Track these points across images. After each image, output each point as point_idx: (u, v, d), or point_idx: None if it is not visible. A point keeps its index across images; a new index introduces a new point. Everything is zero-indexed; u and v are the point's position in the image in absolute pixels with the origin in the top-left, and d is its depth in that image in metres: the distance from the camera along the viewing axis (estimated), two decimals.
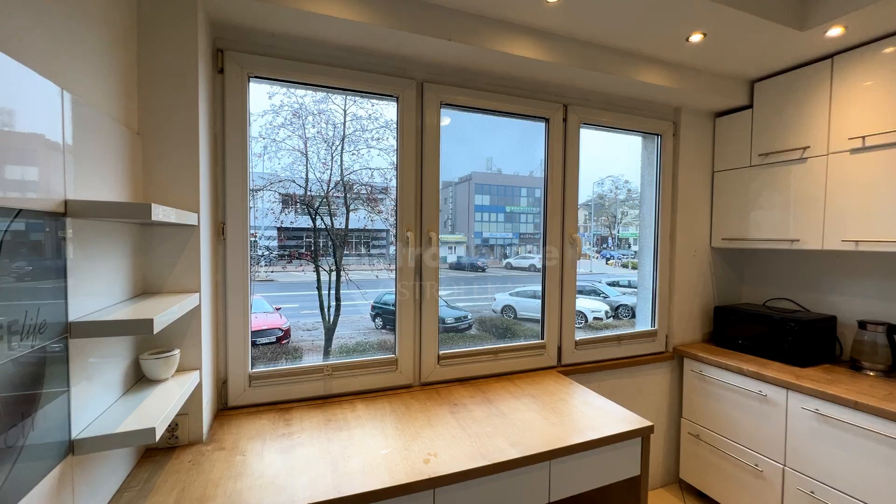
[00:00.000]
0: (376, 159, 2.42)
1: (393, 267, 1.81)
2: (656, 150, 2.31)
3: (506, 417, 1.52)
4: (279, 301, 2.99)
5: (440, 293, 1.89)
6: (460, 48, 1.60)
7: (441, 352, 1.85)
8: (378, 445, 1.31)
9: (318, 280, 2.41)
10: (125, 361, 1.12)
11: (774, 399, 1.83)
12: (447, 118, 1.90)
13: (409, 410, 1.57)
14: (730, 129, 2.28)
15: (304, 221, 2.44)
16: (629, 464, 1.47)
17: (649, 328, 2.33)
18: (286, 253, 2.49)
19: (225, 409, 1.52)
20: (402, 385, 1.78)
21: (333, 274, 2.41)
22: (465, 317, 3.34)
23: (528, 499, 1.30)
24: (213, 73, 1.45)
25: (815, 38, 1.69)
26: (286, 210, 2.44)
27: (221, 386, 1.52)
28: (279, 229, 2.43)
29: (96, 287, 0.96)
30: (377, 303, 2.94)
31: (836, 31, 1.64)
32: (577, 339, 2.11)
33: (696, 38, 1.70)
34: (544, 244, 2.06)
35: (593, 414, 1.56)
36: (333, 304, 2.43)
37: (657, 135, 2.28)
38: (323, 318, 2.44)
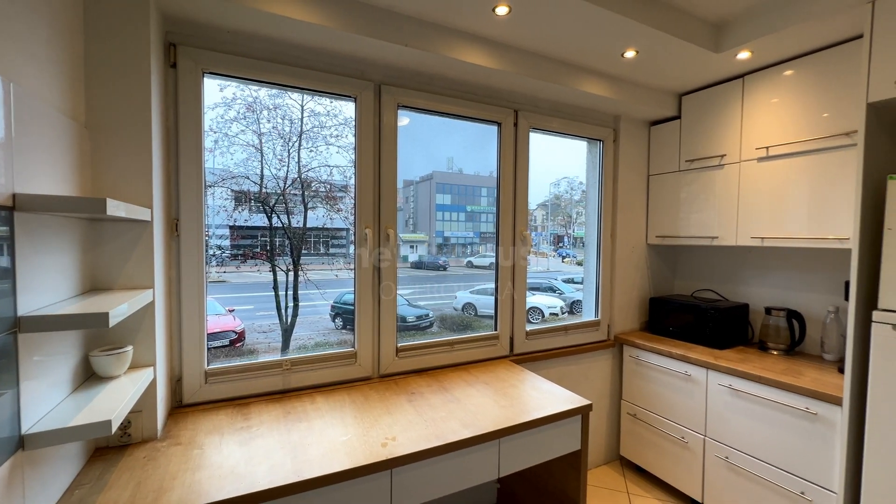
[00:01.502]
0: (335, 157, 2.42)
1: (353, 266, 1.86)
2: (599, 155, 2.51)
3: (460, 403, 1.62)
4: (233, 303, 2.92)
5: (401, 292, 1.95)
6: (416, 53, 1.68)
7: (399, 344, 1.92)
8: (337, 433, 1.36)
9: (275, 280, 2.38)
10: (73, 359, 1.11)
11: (697, 378, 2.07)
12: (406, 118, 1.97)
13: (368, 401, 1.63)
14: (662, 137, 2.52)
15: (260, 220, 2.40)
16: (571, 440, 1.62)
17: (593, 318, 2.53)
18: (240, 252, 2.43)
19: (180, 407, 1.51)
20: (361, 377, 1.83)
21: (291, 274, 2.38)
22: (427, 315, 3.42)
23: (480, 475, 1.41)
24: (166, 67, 1.44)
25: (728, 59, 1.93)
26: (240, 208, 2.39)
27: (176, 384, 1.50)
28: (232, 228, 2.37)
29: (43, 283, 0.95)
30: (337, 302, 2.94)
31: (744, 55, 1.88)
32: (528, 329, 2.26)
33: (629, 54, 1.89)
34: (497, 240, 2.19)
35: (540, 397, 1.70)
36: (291, 304, 2.40)
37: (600, 140, 2.48)
38: (280, 318, 2.41)
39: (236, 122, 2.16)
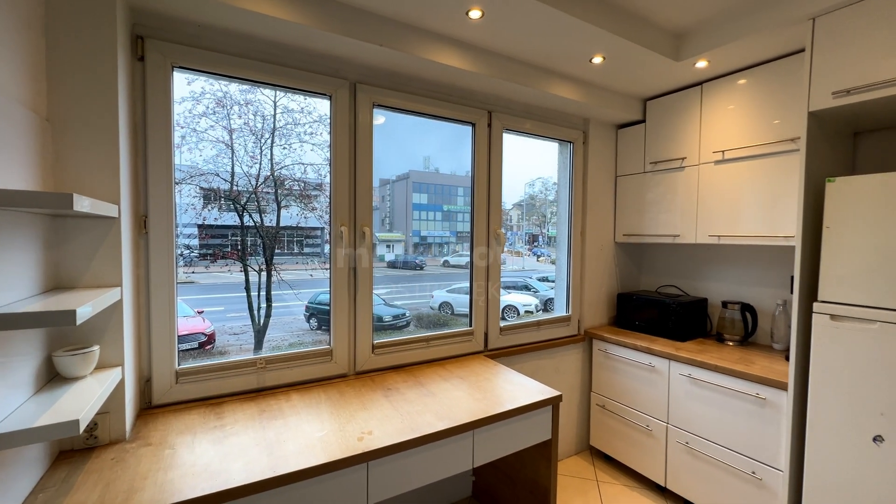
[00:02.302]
0: (310, 154, 2.39)
1: (328, 265, 1.86)
2: (569, 156, 2.60)
3: (435, 397, 1.66)
4: (202, 304, 2.84)
5: (378, 292, 1.97)
6: (392, 54, 1.70)
7: (375, 341, 1.94)
8: (314, 429, 1.37)
9: (247, 280, 2.33)
10: (35, 360, 1.07)
11: (660, 369, 2.18)
12: (382, 117, 1.98)
13: (343, 397, 1.65)
14: (628, 139, 2.63)
15: (231, 218, 2.34)
16: (542, 429, 1.69)
17: (564, 314, 2.61)
18: (209, 252, 2.36)
19: (149, 408, 1.48)
20: (337, 375, 1.84)
21: (264, 274, 2.34)
22: (403, 314, 3.43)
23: (455, 466, 1.45)
24: (133, 60, 1.40)
25: (687, 67, 2.04)
26: (209, 206, 2.33)
27: (145, 384, 1.47)
28: (200, 227, 2.30)
29: (1, 281, 0.92)
30: (312, 303, 2.91)
31: (702, 64, 2.00)
32: (502, 325, 2.32)
33: (597, 59, 1.97)
34: (472, 238, 2.23)
35: (513, 389, 1.76)
36: (264, 305, 2.37)
37: (570, 142, 2.57)
38: (252, 319, 2.37)
39: (205, 118, 2.10)
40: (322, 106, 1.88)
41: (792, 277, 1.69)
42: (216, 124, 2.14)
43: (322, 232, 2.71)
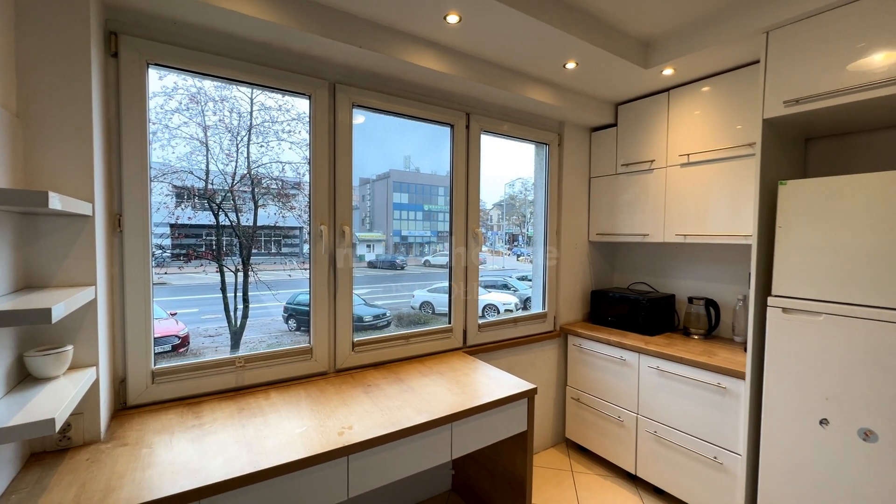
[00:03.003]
0: (288, 153, 2.38)
1: (307, 266, 1.86)
2: (545, 158, 2.68)
3: (415, 392, 1.70)
4: (175, 306, 2.78)
5: (358, 292, 1.98)
6: (371, 55, 1.72)
7: (356, 339, 1.96)
8: (294, 426, 1.39)
9: (223, 281, 2.29)
10: (5, 360, 1.05)
11: (630, 362, 2.28)
12: (361, 116, 2.00)
13: (324, 394, 1.66)
14: (601, 142, 2.74)
15: (206, 217, 2.30)
16: (518, 421, 1.75)
17: (541, 311, 2.69)
18: (183, 252, 2.32)
19: (125, 409, 1.46)
20: (317, 372, 1.85)
21: (240, 274, 2.31)
22: (384, 314, 3.43)
23: (433, 458, 1.49)
24: (106, 56, 1.38)
25: (655, 74, 2.15)
26: (182, 205, 2.28)
27: (120, 384, 1.45)
28: (173, 226, 2.26)
29: None
30: (290, 303, 2.89)
31: (669, 71, 2.11)
32: (480, 322, 2.38)
33: (570, 65, 2.05)
34: (451, 237, 2.28)
35: (490, 383, 1.81)
36: (241, 305, 2.34)
37: (546, 144, 2.65)
38: (229, 321, 2.33)
39: (178, 114, 2.07)
40: (300, 104, 1.88)
41: (750, 274, 1.81)
42: (190, 121, 2.10)
43: (301, 231, 2.69)
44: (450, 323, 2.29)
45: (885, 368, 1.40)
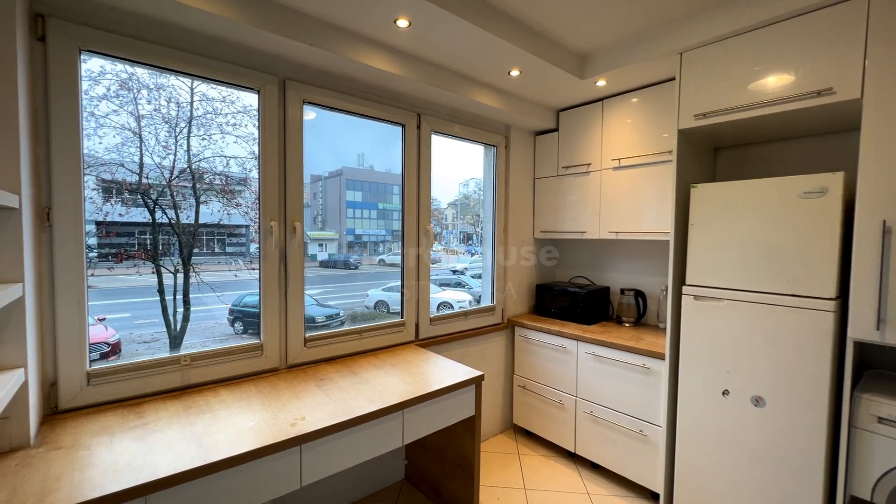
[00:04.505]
0: (233, 147, 2.29)
1: (255, 265, 1.84)
2: (493, 159, 2.81)
3: (368, 384, 1.75)
4: (103, 310, 2.60)
5: (310, 292, 1.98)
6: (322, 54, 1.75)
7: (308, 335, 1.97)
8: (245, 420, 1.39)
9: (160, 283, 2.16)
10: None
11: (570, 349, 2.48)
12: (312, 113, 2.00)
13: (275, 390, 1.67)
14: (544, 145, 2.92)
15: (139, 214, 2.18)
16: (466, 407, 1.85)
17: (490, 304, 2.83)
18: (113, 252, 2.17)
19: (56, 413, 1.38)
20: (268, 369, 1.84)
21: (180, 275, 2.21)
22: (337, 314, 3.40)
23: (386, 444, 1.55)
24: (32, 40, 1.30)
25: (590, 85, 2.34)
26: (112, 200, 2.14)
27: (50, 387, 1.37)
28: (101, 223, 2.11)
29: None
30: (236, 305, 2.79)
31: (602, 83, 2.31)
32: (432, 316, 2.46)
33: (515, 72, 2.19)
34: (403, 233, 2.35)
35: (441, 373, 1.90)
36: (181, 309, 2.23)
37: (494, 146, 2.79)
38: (168, 325, 2.21)
39: (106, 101, 1.94)
40: (246, 96, 1.85)
41: (669, 266, 2.04)
42: (120, 109, 1.98)
43: (247, 230, 2.61)
44: (402, 317, 2.35)
45: (770, 344, 1.66)
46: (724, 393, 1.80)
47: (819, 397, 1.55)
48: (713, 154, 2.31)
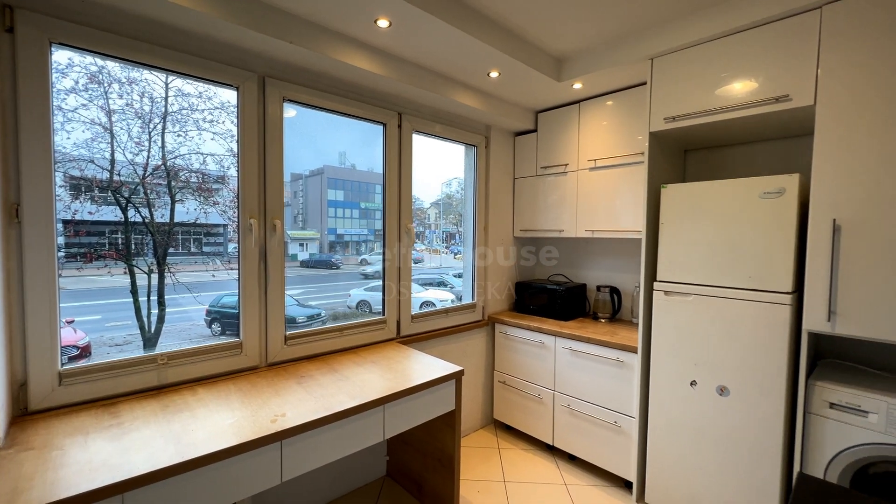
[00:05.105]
0: (210, 144, 2.25)
1: (234, 265, 1.82)
2: (474, 159, 2.86)
3: (349, 380, 1.76)
4: (72, 312, 2.51)
5: (291, 292, 1.98)
6: (302, 52, 1.75)
7: (288, 332, 1.97)
8: (224, 417, 1.39)
9: (133, 284, 2.10)
10: None
11: (548, 345, 2.54)
12: (293, 110, 2.00)
13: (255, 387, 1.66)
14: (524, 146, 2.99)
15: (111, 213, 2.12)
16: (447, 401, 1.89)
17: (470, 302, 2.88)
18: (82, 252, 2.10)
19: (25, 415, 1.35)
20: (248, 367, 1.83)
21: (155, 275, 2.16)
22: (318, 314, 3.38)
23: (367, 439, 1.57)
24: (0, 31, 1.27)
25: (567, 88, 2.41)
26: (81, 198, 2.08)
27: (19, 388, 1.34)
28: (67, 222, 2.04)
29: None
30: (214, 306, 2.74)
31: (578, 86, 2.39)
32: (414, 313, 2.49)
33: (494, 74, 2.24)
34: (384, 231, 2.36)
35: (422, 369, 1.93)
36: (155, 310, 2.18)
37: (474, 146, 2.83)
38: (141, 328, 2.15)
39: (75, 94, 1.89)
40: (225, 92, 1.83)
41: (641, 264, 2.12)
42: (90, 103, 1.93)
43: (225, 229, 2.56)
44: (384, 314, 2.37)
45: (733, 336, 1.76)
46: (692, 384, 1.89)
47: (777, 385, 1.65)
48: (683, 156, 2.42)
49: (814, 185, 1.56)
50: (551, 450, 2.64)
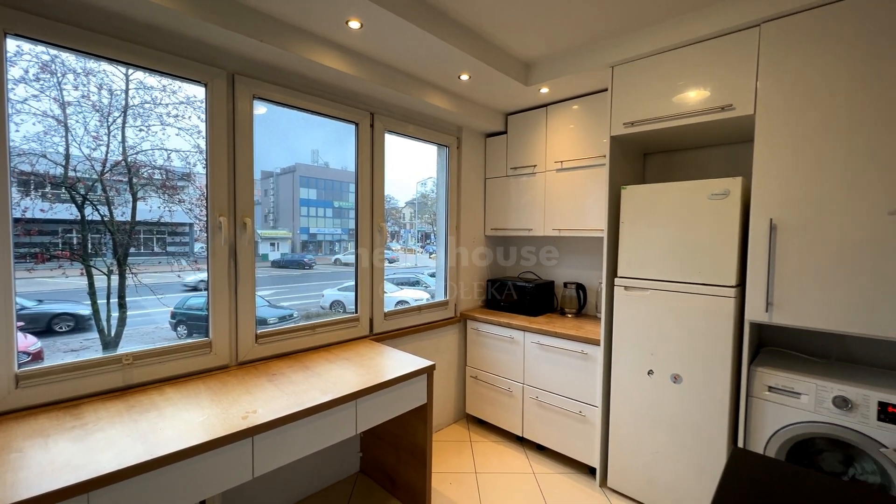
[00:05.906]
0: (175, 139, 2.19)
1: (200, 266, 1.80)
2: (446, 159, 2.91)
3: (321, 377, 1.78)
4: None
5: (262, 293, 1.97)
6: (273, 50, 1.75)
7: (259, 331, 1.96)
8: (193, 416, 1.38)
9: (91, 285, 2.03)
10: None
11: (518, 340, 2.63)
12: (263, 107, 1.98)
13: (225, 386, 1.66)
14: (494, 147, 3.07)
15: (65, 210, 2.03)
16: (419, 395, 1.94)
17: (443, 299, 2.93)
18: (32, 252, 2.00)
19: None
20: (218, 366, 1.82)
21: (115, 276, 2.08)
22: (291, 315, 3.34)
23: (339, 433, 1.60)
24: None
25: (535, 92, 2.51)
26: (31, 195, 1.98)
27: None
28: (17, 221, 1.93)
29: None
30: (179, 308, 2.66)
31: (545, 90, 2.48)
32: (387, 310, 2.52)
33: (464, 77, 2.30)
34: (357, 230, 2.38)
35: (395, 364, 1.97)
36: (115, 313, 2.11)
37: (446, 146, 2.88)
38: (100, 332, 2.07)
39: (24, 84, 1.81)
40: (190, 87, 1.80)
41: (603, 261, 2.24)
42: (42, 94, 1.85)
43: (191, 228, 2.50)
44: (356, 312, 2.39)
45: (685, 327, 1.89)
46: (649, 373, 2.01)
47: (723, 372, 1.79)
48: (643, 158, 2.56)
49: (754, 187, 1.70)
50: (521, 441, 2.74)
